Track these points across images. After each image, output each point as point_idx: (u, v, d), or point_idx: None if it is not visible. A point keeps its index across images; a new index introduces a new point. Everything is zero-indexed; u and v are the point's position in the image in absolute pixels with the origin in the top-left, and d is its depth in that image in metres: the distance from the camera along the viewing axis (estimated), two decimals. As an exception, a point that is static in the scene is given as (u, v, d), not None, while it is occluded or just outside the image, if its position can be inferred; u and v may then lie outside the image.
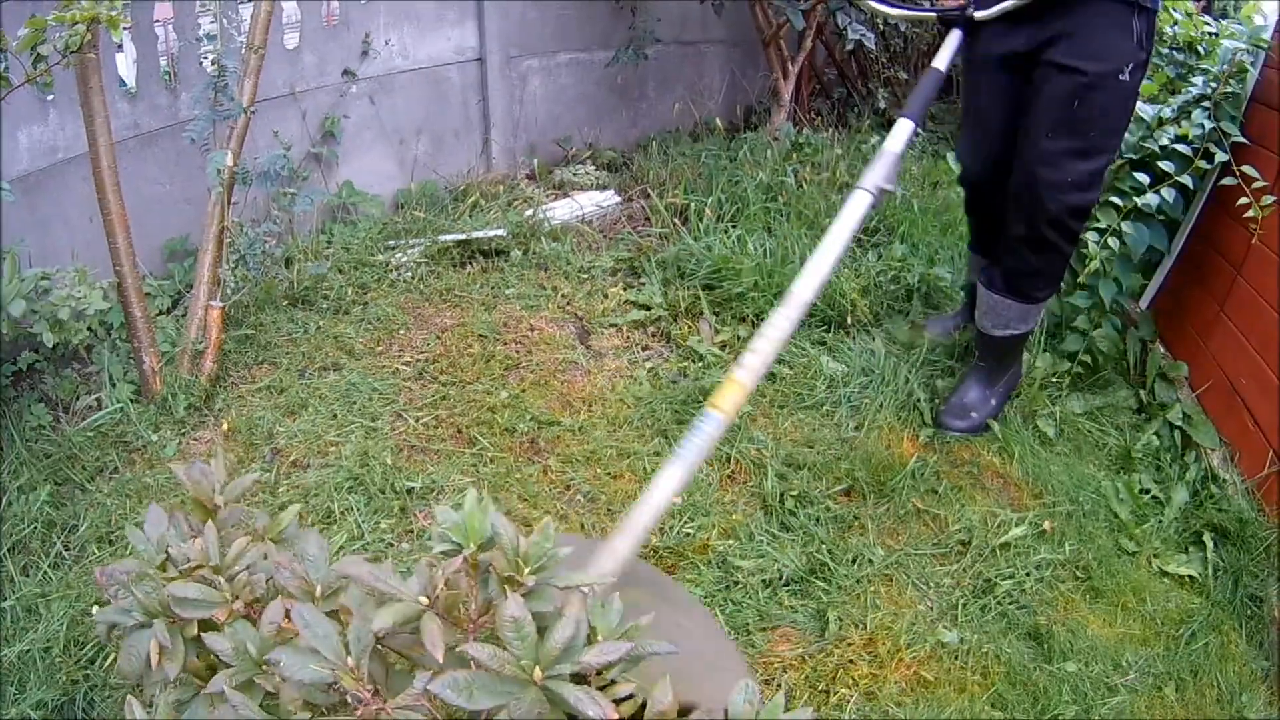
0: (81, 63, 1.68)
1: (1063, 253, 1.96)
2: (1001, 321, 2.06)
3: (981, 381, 2.14)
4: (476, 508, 0.75)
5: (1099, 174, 1.88)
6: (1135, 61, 1.78)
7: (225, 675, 0.72)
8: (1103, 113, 1.81)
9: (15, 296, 1.70)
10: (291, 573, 0.77)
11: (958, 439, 2.05)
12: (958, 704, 1.42)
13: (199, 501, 0.91)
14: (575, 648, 0.66)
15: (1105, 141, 1.85)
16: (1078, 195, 1.86)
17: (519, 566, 0.73)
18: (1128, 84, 1.79)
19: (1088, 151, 1.84)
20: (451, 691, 0.63)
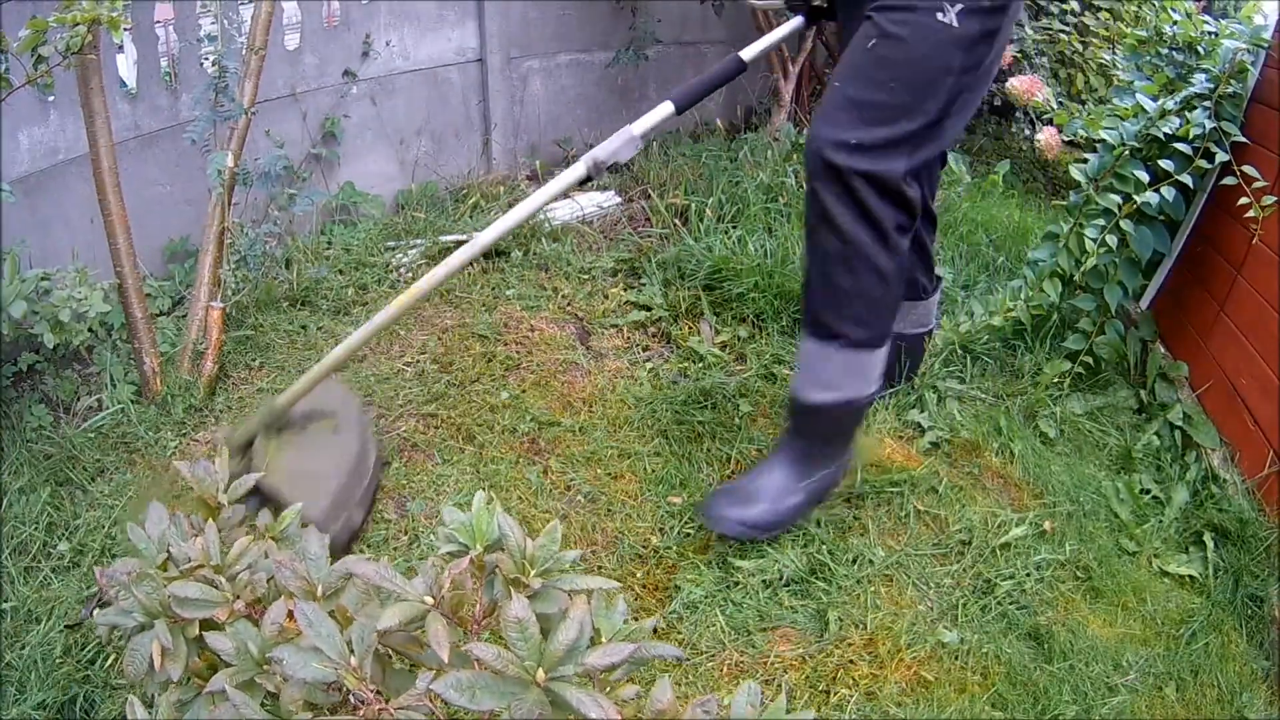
0: (82, 64, 1.68)
1: (862, 254, 1.54)
2: (821, 380, 1.62)
3: (790, 465, 1.68)
4: (484, 509, 0.75)
5: (901, 144, 1.50)
6: (965, 2, 1.43)
7: (226, 674, 0.72)
8: (907, 60, 1.47)
9: (16, 297, 1.70)
10: (293, 572, 0.77)
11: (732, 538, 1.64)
12: (958, 704, 1.42)
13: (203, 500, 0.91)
14: (579, 649, 0.66)
15: (908, 100, 1.49)
16: (863, 159, 1.49)
17: (525, 568, 0.74)
18: (952, 30, 1.45)
19: (880, 107, 1.49)
20: (454, 692, 0.63)
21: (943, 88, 1.50)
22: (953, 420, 2.05)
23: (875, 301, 1.60)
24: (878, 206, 1.52)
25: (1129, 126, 2.10)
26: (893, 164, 1.51)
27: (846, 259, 1.56)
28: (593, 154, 1.48)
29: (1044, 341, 2.30)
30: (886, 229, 1.54)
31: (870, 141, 1.49)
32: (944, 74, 1.49)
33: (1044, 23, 3.65)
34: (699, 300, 2.48)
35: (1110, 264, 2.15)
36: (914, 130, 1.51)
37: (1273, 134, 1.96)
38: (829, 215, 1.53)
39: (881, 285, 1.58)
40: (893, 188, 1.52)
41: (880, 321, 1.62)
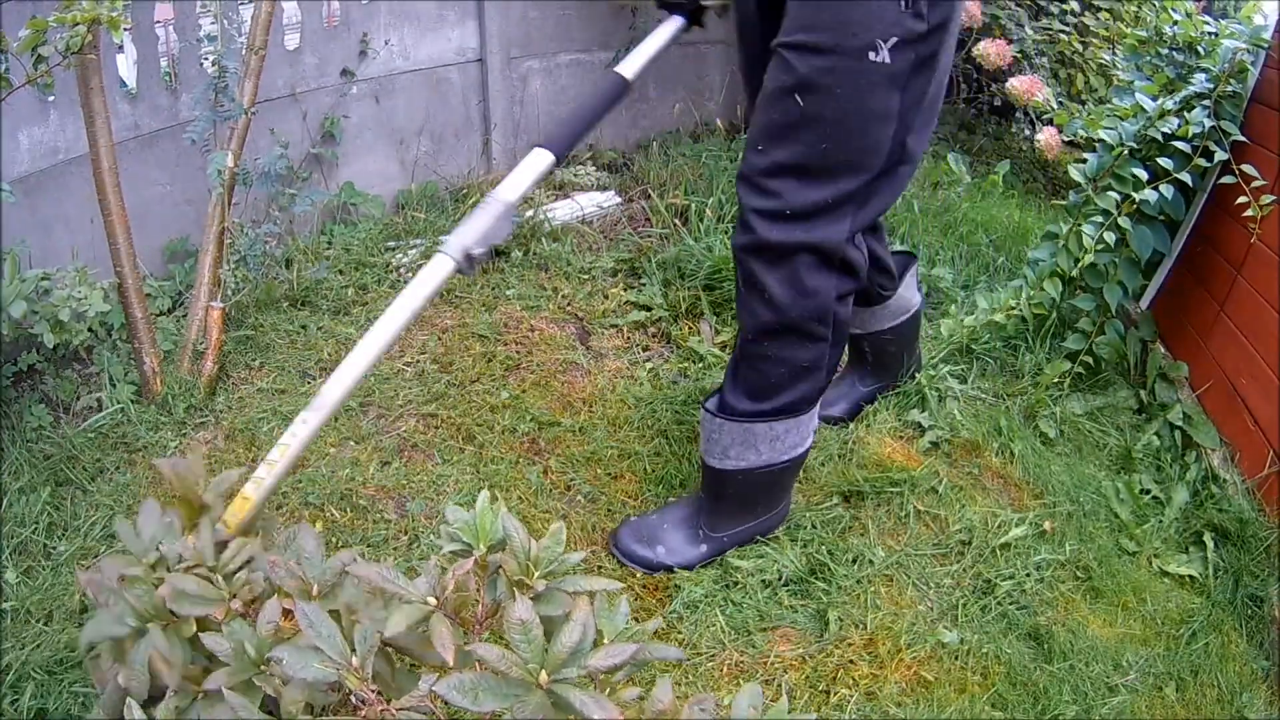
0: (82, 64, 1.68)
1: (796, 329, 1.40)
2: (718, 447, 1.52)
3: (693, 517, 1.62)
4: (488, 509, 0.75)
5: (842, 206, 1.33)
6: (900, 34, 1.23)
7: (223, 674, 0.72)
8: (839, 115, 1.27)
9: (16, 297, 1.70)
10: (288, 571, 0.77)
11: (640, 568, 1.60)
12: (958, 704, 1.42)
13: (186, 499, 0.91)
14: (582, 651, 0.66)
15: (844, 158, 1.31)
16: (799, 229, 1.32)
17: (529, 570, 0.73)
18: (886, 69, 1.25)
19: (813, 170, 1.31)
20: (457, 693, 0.63)
21: (884, 135, 1.32)
22: (953, 420, 2.05)
23: (801, 371, 1.46)
24: (817, 280, 1.37)
25: (1128, 126, 2.10)
26: (833, 230, 1.35)
27: (779, 332, 1.43)
28: (460, 243, 1.18)
29: (1044, 341, 2.30)
30: (827, 301, 1.40)
31: (805, 209, 1.33)
32: (883, 122, 1.30)
33: (1044, 23, 3.65)
34: (699, 300, 2.48)
35: (1110, 264, 2.15)
36: (855, 190, 1.34)
37: (1272, 134, 1.96)
38: (760, 287, 1.40)
39: (815, 351, 1.45)
40: (835, 257, 1.37)
41: (809, 383, 1.48)
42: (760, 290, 1.41)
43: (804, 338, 1.43)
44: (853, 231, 1.39)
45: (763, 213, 1.36)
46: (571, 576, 0.74)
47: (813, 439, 1.60)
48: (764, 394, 1.47)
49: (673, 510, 1.66)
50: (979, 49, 3.15)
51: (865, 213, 1.39)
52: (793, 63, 1.28)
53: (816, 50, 1.25)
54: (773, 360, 1.45)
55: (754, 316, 1.44)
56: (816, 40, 1.25)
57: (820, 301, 1.40)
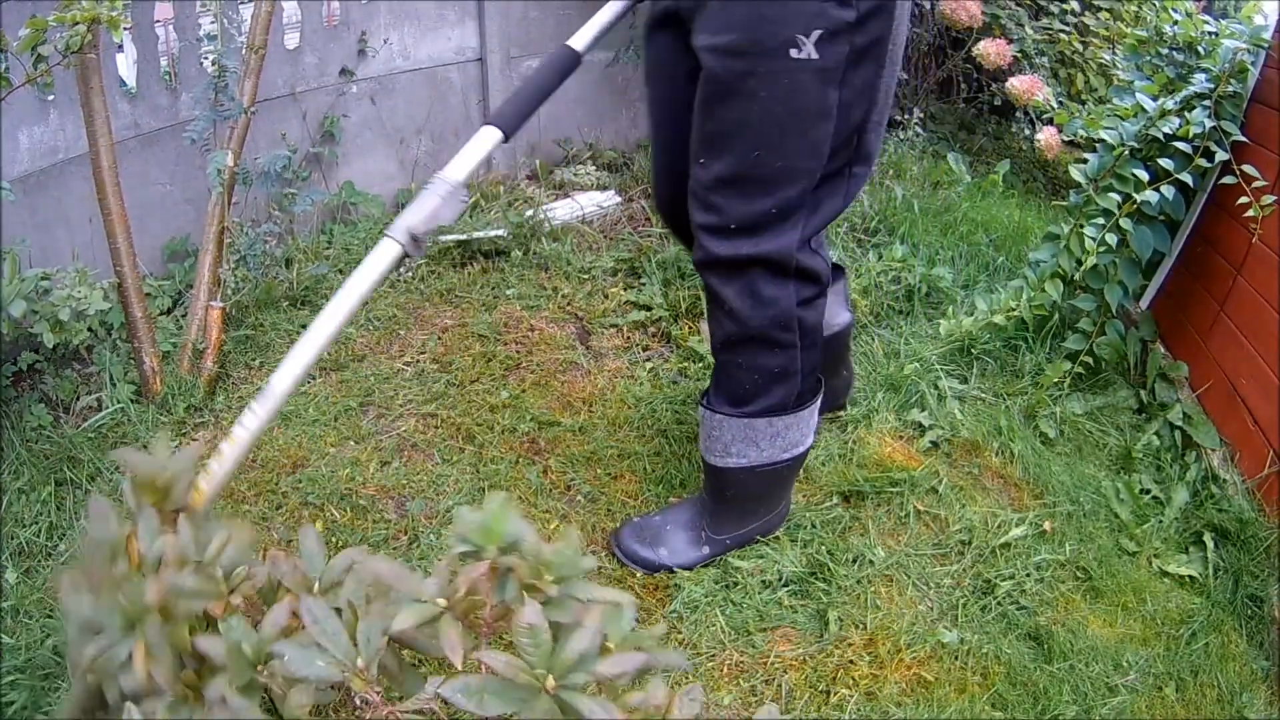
0: (82, 63, 1.68)
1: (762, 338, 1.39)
2: (719, 445, 1.51)
3: (695, 519, 1.61)
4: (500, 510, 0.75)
5: (787, 215, 1.29)
6: (825, 25, 1.15)
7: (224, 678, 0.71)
8: (767, 120, 1.21)
9: (16, 297, 1.70)
10: (291, 568, 0.76)
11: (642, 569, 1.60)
12: (958, 704, 1.42)
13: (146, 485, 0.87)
14: (590, 658, 0.66)
15: (781, 165, 1.24)
16: (746, 243, 1.30)
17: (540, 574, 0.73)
18: (814, 65, 1.16)
19: (751, 180, 1.26)
20: (463, 696, 0.63)
21: (823, 136, 1.24)
22: (953, 419, 2.05)
23: (774, 377, 1.44)
24: (774, 290, 1.34)
25: (1129, 126, 2.10)
26: (782, 241, 1.30)
27: (744, 341, 1.41)
28: (405, 224, 1.15)
29: (1044, 341, 2.30)
30: (787, 309, 1.38)
31: (749, 221, 1.29)
32: (819, 120, 1.22)
33: (1044, 23, 3.65)
34: (699, 300, 2.47)
35: (1110, 264, 2.15)
36: (799, 195, 1.28)
37: (1273, 134, 1.96)
38: (720, 299, 1.39)
39: (785, 357, 1.43)
40: (789, 266, 1.33)
41: (784, 387, 1.46)
42: (720, 303, 1.40)
43: (770, 345, 1.41)
44: (805, 239, 1.35)
45: (708, 229, 1.33)
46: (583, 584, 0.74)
47: (814, 438, 1.59)
48: (741, 400, 1.47)
49: (675, 512, 1.66)
50: (979, 49, 3.15)
51: (818, 218, 1.34)
52: (713, 68, 1.22)
53: (734, 53, 1.18)
54: (744, 368, 1.44)
55: (720, 327, 1.44)
56: (732, 42, 1.18)
57: (780, 310, 1.38)
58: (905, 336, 2.37)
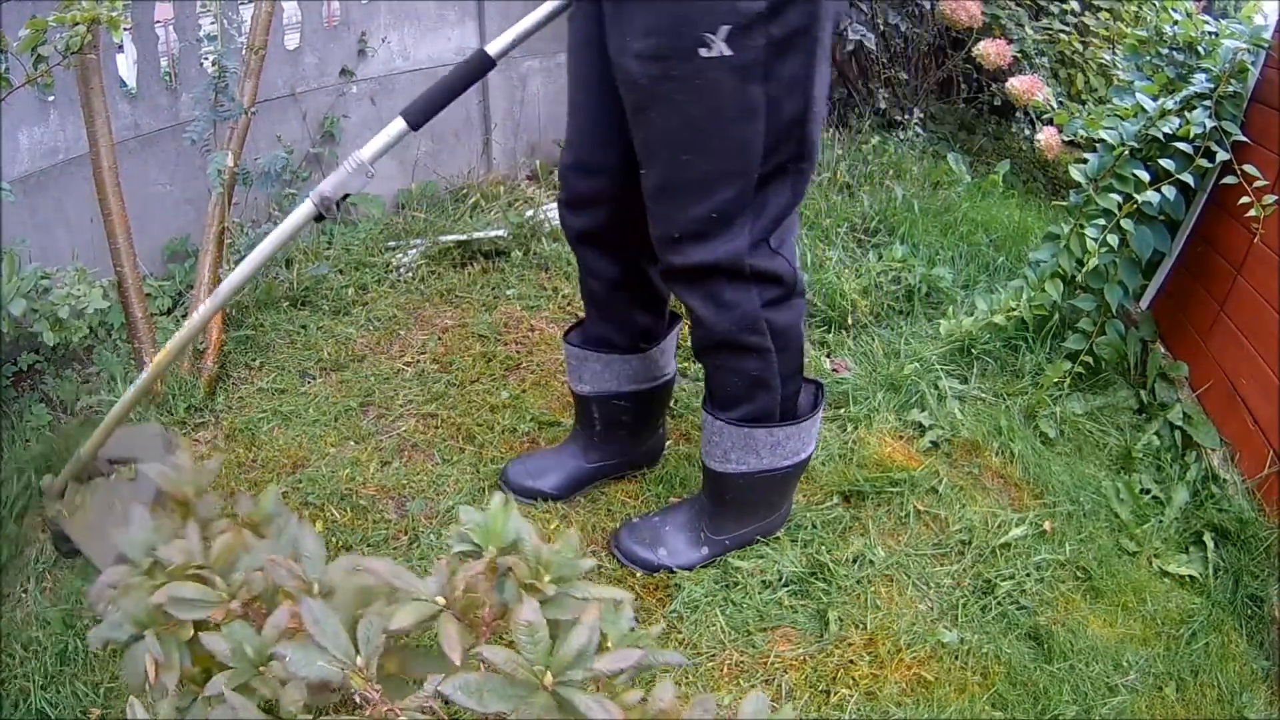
0: (82, 63, 1.68)
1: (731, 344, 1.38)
2: (719, 450, 1.50)
3: (694, 520, 1.61)
4: (500, 510, 0.75)
5: (729, 219, 1.27)
6: (735, 20, 1.11)
7: (223, 677, 0.72)
8: (689, 125, 1.19)
9: (15, 296, 1.70)
10: (288, 571, 0.77)
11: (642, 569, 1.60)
12: (958, 704, 1.42)
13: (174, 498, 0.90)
14: (588, 655, 0.66)
15: (714, 169, 1.22)
16: (694, 250, 1.29)
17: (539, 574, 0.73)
18: (729, 62, 1.13)
19: (687, 186, 1.25)
20: (462, 693, 0.63)
21: (751, 135, 1.20)
22: (953, 419, 2.06)
23: (755, 379, 1.42)
24: (734, 295, 1.32)
25: (1129, 126, 2.10)
26: (730, 246, 1.28)
27: (716, 346, 1.41)
28: (319, 189, 1.28)
29: (1045, 341, 2.30)
30: (751, 312, 1.36)
31: (692, 228, 1.27)
32: (745, 120, 1.18)
33: (1044, 23, 3.65)
34: (699, 300, 2.48)
35: (1110, 264, 2.15)
36: (737, 197, 1.25)
37: (1273, 133, 1.96)
38: (688, 306, 1.39)
39: (759, 361, 1.40)
40: (743, 270, 1.31)
41: (767, 392, 1.44)
42: (689, 309, 1.40)
43: (740, 350, 1.39)
44: (756, 241, 1.31)
45: (660, 240, 1.33)
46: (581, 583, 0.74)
47: (815, 445, 1.58)
48: (727, 405, 1.47)
49: (674, 512, 1.65)
50: (979, 49, 3.15)
51: (765, 219, 1.30)
52: (632, 74, 1.20)
53: (648, 58, 1.16)
54: (723, 371, 1.44)
55: (693, 334, 1.44)
56: (645, 47, 1.16)
57: (744, 313, 1.35)
58: (905, 336, 2.37)
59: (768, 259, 1.33)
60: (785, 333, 1.41)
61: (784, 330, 1.41)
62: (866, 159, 3.33)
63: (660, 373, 1.71)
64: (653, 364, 1.69)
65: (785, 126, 1.23)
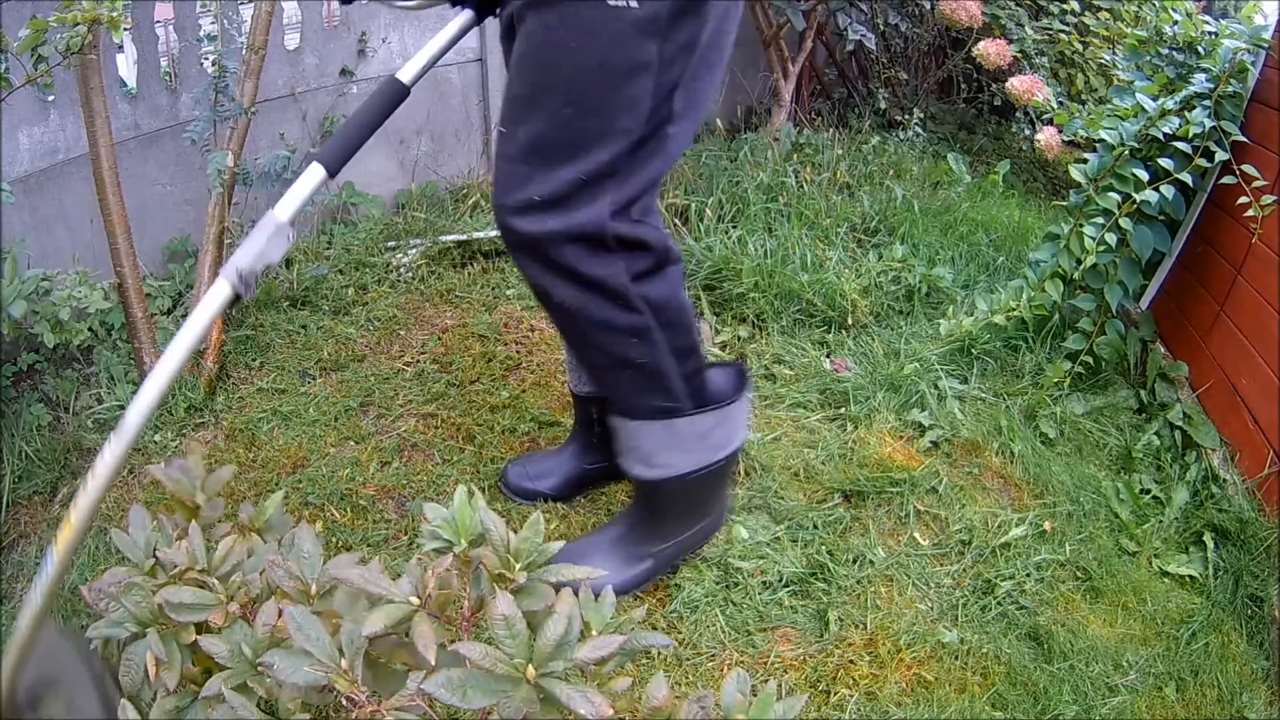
0: (82, 64, 1.68)
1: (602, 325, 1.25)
2: (639, 454, 1.38)
3: (626, 536, 1.49)
4: (465, 503, 0.75)
5: (598, 181, 1.17)
6: None
7: (222, 677, 0.72)
8: (578, 71, 1.11)
9: (16, 297, 1.70)
10: (286, 572, 0.77)
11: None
12: (958, 704, 1.42)
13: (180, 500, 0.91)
14: (568, 644, 0.66)
15: (592, 123, 1.14)
16: (553, 217, 1.17)
17: (509, 563, 0.73)
18: (631, 13, 1.08)
19: (560, 143, 1.15)
20: (445, 691, 0.63)
21: (640, 92, 1.13)
22: (953, 419, 2.05)
23: (645, 366, 1.28)
24: (596, 267, 1.21)
25: (1129, 126, 2.10)
26: (591, 212, 1.18)
27: (585, 334, 1.27)
28: (234, 264, 1.11)
29: (1045, 341, 2.30)
30: (618, 286, 1.23)
31: (555, 192, 1.16)
32: (636, 74, 1.12)
33: (1044, 23, 3.65)
34: (699, 300, 2.48)
35: (1110, 264, 2.15)
36: (611, 160, 1.16)
37: (1273, 134, 1.96)
38: (544, 291, 1.26)
39: (644, 346, 1.26)
40: (605, 238, 1.20)
41: (666, 377, 1.30)
42: (547, 295, 1.26)
43: (617, 332, 1.25)
44: (616, 208, 1.20)
45: (513, 207, 1.20)
46: (553, 566, 0.74)
47: (745, 432, 1.45)
48: (631, 403, 1.33)
49: (604, 533, 1.53)
50: (979, 49, 3.15)
51: (628, 187, 1.20)
52: (529, 23, 1.13)
53: (549, 3, 1.09)
54: (609, 366, 1.30)
55: (558, 325, 1.31)
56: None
57: (611, 289, 1.23)
58: (905, 336, 2.37)
59: (632, 226, 1.22)
60: (664, 306, 1.28)
61: (662, 303, 1.28)
62: (866, 159, 3.33)
63: None
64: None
65: (669, 89, 1.17)
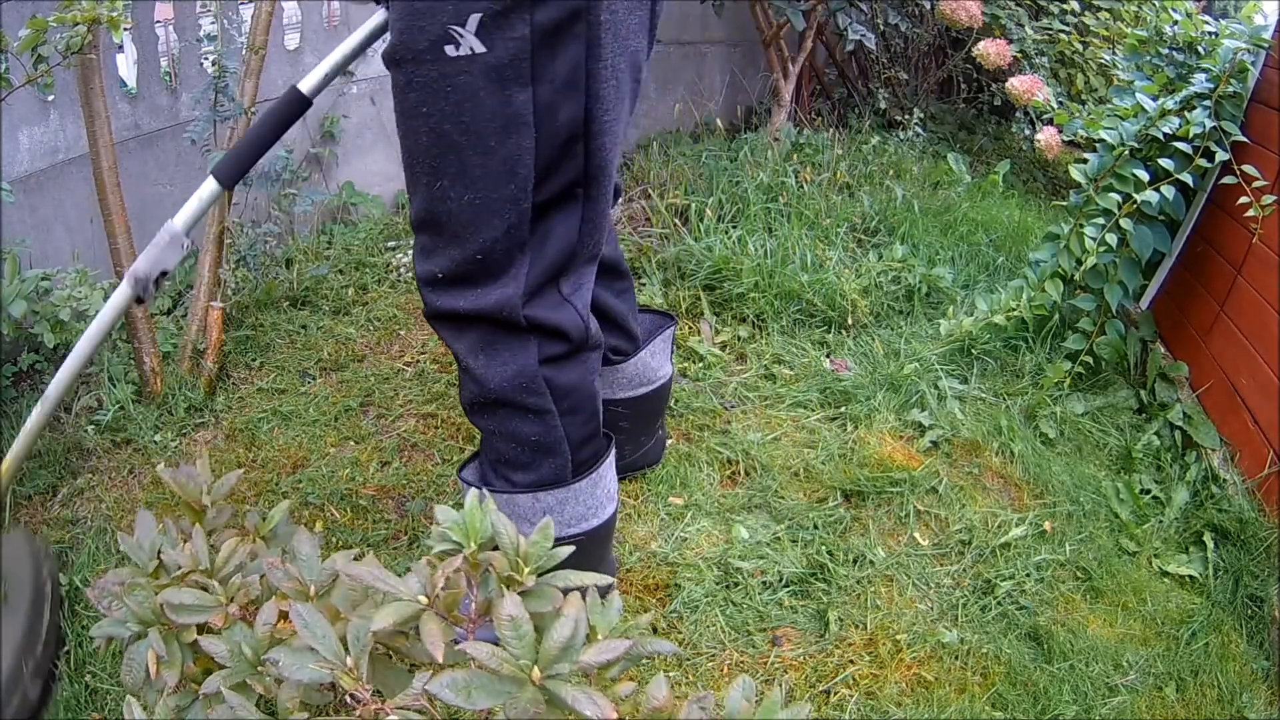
0: (82, 64, 1.68)
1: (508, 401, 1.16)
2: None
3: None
4: (477, 506, 0.75)
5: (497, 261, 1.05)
6: (482, 6, 0.90)
7: (221, 676, 0.72)
8: (440, 138, 0.98)
9: (16, 297, 1.70)
10: (284, 573, 0.77)
11: None
12: (958, 704, 1.42)
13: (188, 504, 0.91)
14: (574, 647, 0.66)
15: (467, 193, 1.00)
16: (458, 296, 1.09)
17: (519, 566, 0.73)
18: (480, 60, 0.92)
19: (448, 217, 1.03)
20: (450, 691, 0.63)
21: (515, 153, 0.98)
22: (953, 419, 2.06)
23: (535, 444, 1.21)
24: (505, 349, 1.12)
25: (1129, 126, 2.10)
26: (501, 293, 1.07)
27: (489, 405, 1.19)
28: (133, 269, 1.15)
29: (1045, 341, 2.30)
30: (527, 370, 1.14)
31: (455, 272, 1.05)
32: (508, 131, 0.97)
33: (1044, 23, 3.65)
34: (699, 300, 2.48)
35: (1110, 264, 2.15)
36: (503, 236, 1.03)
37: (1273, 134, 1.96)
38: (457, 356, 1.18)
39: (540, 425, 1.19)
40: (516, 322, 1.09)
41: (552, 459, 1.23)
42: (458, 359, 1.18)
43: (519, 411, 1.18)
44: (537, 286, 1.09)
45: (422, 278, 1.11)
46: (561, 572, 0.74)
47: (614, 506, 1.34)
48: (504, 470, 1.26)
49: None
50: (979, 49, 3.15)
51: (547, 259, 1.08)
52: (391, 82, 1.00)
53: (393, 61, 0.97)
54: (499, 435, 1.21)
55: (463, 389, 1.22)
56: (390, 48, 0.97)
57: (518, 371, 1.14)
58: (905, 336, 2.37)
59: (551, 309, 1.12)
60: (571, 393, 1.20)
61: (568, 390, 1.20)
62: (866, 159, 3.33)
63: (653, 377, 1.63)
64: (644, 368, 1.60)
65: (564, 140, 1.01)
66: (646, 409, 1.70)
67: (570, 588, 0.73)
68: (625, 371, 1.59)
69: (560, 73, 0.97)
